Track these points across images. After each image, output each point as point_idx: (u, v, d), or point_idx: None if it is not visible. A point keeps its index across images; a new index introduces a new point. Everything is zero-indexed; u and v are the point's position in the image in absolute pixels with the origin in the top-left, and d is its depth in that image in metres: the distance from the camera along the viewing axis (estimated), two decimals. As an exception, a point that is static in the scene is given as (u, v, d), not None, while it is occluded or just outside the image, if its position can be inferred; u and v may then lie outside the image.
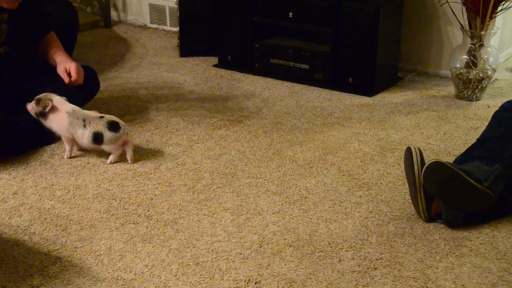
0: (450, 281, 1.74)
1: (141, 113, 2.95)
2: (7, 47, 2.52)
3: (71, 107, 2.44)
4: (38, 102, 2.42)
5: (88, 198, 2.19)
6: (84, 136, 2.40)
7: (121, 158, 2.46)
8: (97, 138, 2.39)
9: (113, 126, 2.39)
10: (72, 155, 2.50)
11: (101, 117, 2.42)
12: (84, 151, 2.52)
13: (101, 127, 2.38)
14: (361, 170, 2.39)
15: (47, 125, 2.46)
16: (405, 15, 3.36)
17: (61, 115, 2.43)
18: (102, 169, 2.40)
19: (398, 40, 3.38)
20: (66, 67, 2.58)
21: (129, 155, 2.45)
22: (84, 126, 2.40)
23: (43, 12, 2.69)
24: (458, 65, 3.09)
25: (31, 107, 2.44)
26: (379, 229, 2.00)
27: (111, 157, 2.44)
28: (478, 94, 3.10)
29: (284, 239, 1.94)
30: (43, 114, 2.43)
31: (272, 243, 1.92)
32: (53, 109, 2.43)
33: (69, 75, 2.57)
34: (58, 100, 2.44)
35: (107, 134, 2.38)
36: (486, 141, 2.10)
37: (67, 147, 2.48)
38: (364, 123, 2.84)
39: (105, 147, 2.42)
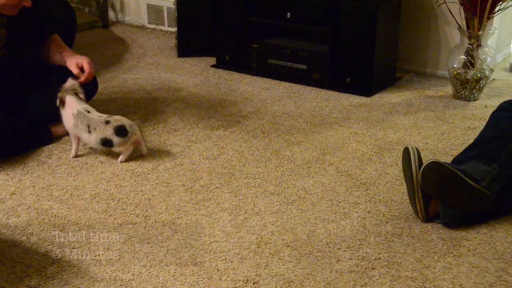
0: (448, 281, 1.74)
1: (138, 113, 2.94)
2: (5, 51, 2.52)
3: (77, 108, 2.43)
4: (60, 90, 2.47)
5: (86, 198, 2.19)
6: (91, 141, 2.42)
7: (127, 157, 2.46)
8: (106, 143, 2.39)
9: (120, 131, 2.38)
10: (77, 154, 2.50)
11: (107, 122, 2.39)
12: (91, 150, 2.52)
13: (108, 133, 2.37)
14: (359, 170, 2.39)
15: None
16: (403, 15, 3.37)
17: (68, 114, 2.45)
18: (100, 169, 2.40)
19: (396, 40, 3.38)
20: (78, 62, 2.56)
21: (142, 151, 2.48)
22: (89, 131, 2.39)
23: (44, 15, 2.67)
24: (455, 65, 3.10)
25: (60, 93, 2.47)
26: (377, 229, 2.00)
27: (121, 157, 2.44)
28: (475, 94, 3.10)
29: (282, 239, 1.94)
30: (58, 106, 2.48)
31: (270, 243, 1.92)
32: (64, 105, 2.46)
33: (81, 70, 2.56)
34: (70, 99, 2.45)
35: (116, 139, 2.38)
36: (484, 141, 2.11)
37: (73, 145, 2.48)
38: (362, 123, 2.84)
39: (115, 149, 2.42)
